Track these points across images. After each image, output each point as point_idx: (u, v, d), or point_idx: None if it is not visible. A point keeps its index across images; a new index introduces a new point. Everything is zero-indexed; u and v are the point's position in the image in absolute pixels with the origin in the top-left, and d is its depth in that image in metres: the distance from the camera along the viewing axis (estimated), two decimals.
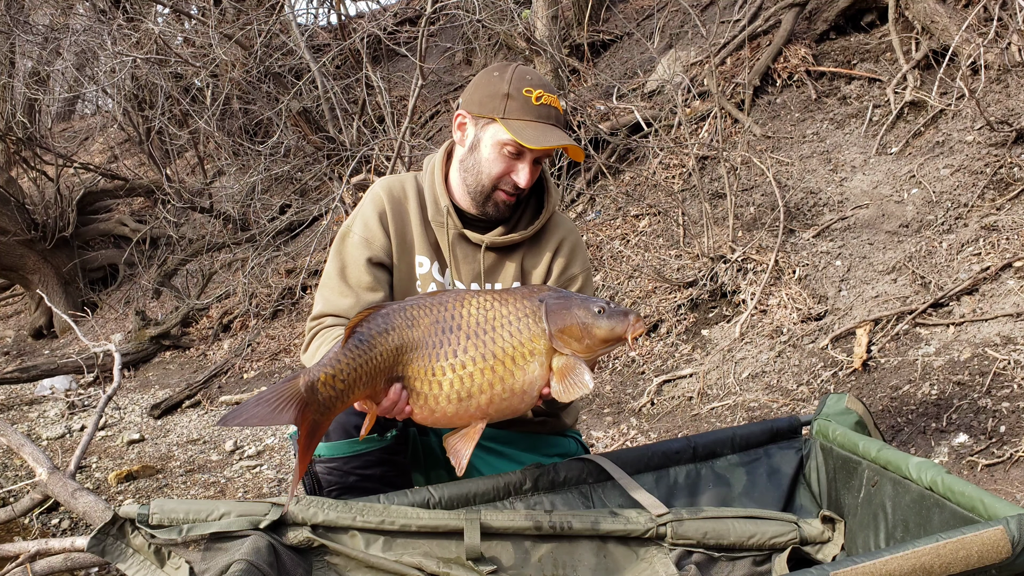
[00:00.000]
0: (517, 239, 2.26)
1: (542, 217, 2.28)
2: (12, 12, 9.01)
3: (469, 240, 2.25)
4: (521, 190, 2.18)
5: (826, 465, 2.23)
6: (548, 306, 1.86)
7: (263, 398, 1.72)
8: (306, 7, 16.51)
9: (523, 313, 1.85)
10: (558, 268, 2.30)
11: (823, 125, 5.50)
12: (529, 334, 1.83)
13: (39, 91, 10.23)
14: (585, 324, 1.83)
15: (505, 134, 2.10)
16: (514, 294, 1.90)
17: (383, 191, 2.27)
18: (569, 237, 2.32)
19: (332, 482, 2.10)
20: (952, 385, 3.20)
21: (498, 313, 1.84)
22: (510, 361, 1.81)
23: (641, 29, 7.54)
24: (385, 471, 2.12)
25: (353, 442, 2.06)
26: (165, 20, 8.94)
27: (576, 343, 1.84)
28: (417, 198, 2.28)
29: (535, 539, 2.01)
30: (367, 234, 2.23)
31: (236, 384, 6.23)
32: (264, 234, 7.79)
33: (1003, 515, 1.64)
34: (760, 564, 2.05)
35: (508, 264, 2.28)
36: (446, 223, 2.23)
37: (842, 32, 6.09)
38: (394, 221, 2.25)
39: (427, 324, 1.82)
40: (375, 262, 2.22)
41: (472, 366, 1.79)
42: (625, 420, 4.05)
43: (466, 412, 1.82)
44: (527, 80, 2.12)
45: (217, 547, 1.86)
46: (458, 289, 1.98)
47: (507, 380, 1.81)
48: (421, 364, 1.80)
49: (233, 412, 1.71)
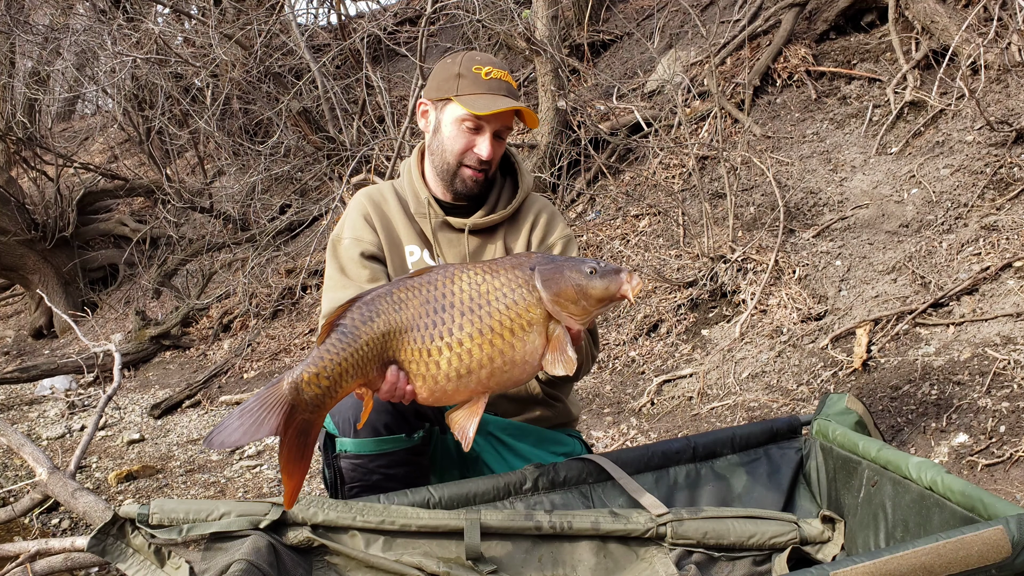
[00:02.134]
0: (497, 219, 2.35)
1: (519, 196, 2.38)
2: (12, 12, 9.02)
3: (452, 226, 2.34)
4: (486, 164, 2.27)
5: (826, 465, 2.23)
6: (540, 273, 1.83)
7: (246, 408, 1.71)
8: (306, 7, 16.50)
9: (517, 284, 1.82)
10: (536, 239, 2.39)
11: (823, 125, 5.50)
12: (525, 304, 1.81)
13: (39, 91, 10.23)
14: (580, 285, 1.81)
15: (460, 109, 2.21)
16: (503, 264, 1.87)
17: (363, 197, 2.41)
18: (545, 210, 2.43)
19: (355, 479, 2.11)
20: (952, 385, 3.20)
21: (491, 286, 1.81)
22: (508, 334, 1.79)
23: (641, 29, 7.54)
24: (408, 471, 2.13)
25: (380, 440, 2.07)
26: (165, 20, 8.95)
27: (573, 306, 1.82)
28: (396, 199, 2.40)
29: (535, 539, 2.01)
30: (356, 234, 2.33)
31: (236, 384, 6.23)
32: (264, 234, 7.79)
33: (1003, 515, 1.64)
34: (760, 564, 2.05)
35: (491, 246, 2.37)
36: (428, 213, 2.34)
37: (842, 32, 6.09)
38: (379, 219, 2.36)
39: (417, 305, 1.79)
40: (368, 255, 2.31)
41: (470, 342, 1.77)
42: (625, 420, 4.05)
43: (466, 388, 1.81)
44: (476, 60, 2.26)
45: (217, 547, 1.86)
46: (445, 265, 1.96)
47: (507, 353, 1.79)
48: (415, 346, 1.78)
49: (217, 430, 1.68)
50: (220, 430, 1.69)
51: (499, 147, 2.28)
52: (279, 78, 7.42)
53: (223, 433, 1.69)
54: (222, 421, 1.70)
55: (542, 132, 5.98)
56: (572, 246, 2.43)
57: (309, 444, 1.77)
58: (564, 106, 5.98)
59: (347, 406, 2.04)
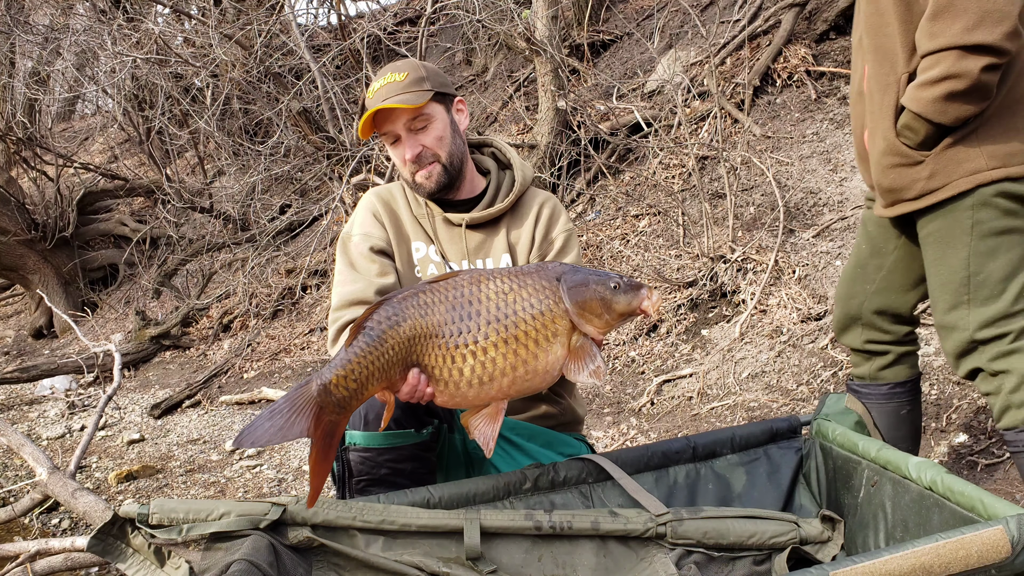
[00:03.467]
0: (495, 212, 2.37)
1: (516, 188, 2.39)
2: (12, 12, 9.02)
3: (452, 222, 2.38)
4: (423, 160, 2.29)
5: (826, 465, 2.23)
6: (567, 284, 1.85)
7: (276, 409, 1.73)
8: (306, 7, 16.50)
9: (543, 294, 1.83)
10: (540, 234, 2.39)
11: (823, 125, 5.50)
12: (551, 315, 1.82)
13: (39, 91, 10.23)
14: (604, 299, 1.83)
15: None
16: (529, 274, 1.88)
17: (372, 195, 2.45)
18: (547, 203, 2.44)
19: (363, 472, 2.11)
20: (952, 385, 3.20)
21: (518, 296, 1.82)
22: (533, 344, 1.80)
23: (641, 29, 7.54)
24: (416, 467, 2.13)
25: (390, 434, 2.08)
26: (165, 20, 8.95)
27: (597, 319, 1.84)
28: (404, 198, 2.44)
29: (535, 539, 2.01)
30: (365, 230, 2.36)
31: (236, 384, 6.23)
32: (264, 234, 7.80)
33: (1003, 515, 1.64)
34: (760, 564, 2.05)
35: (494, 240, 2.38)
36: (426, 212, 2.38)
37: (842, 32, 6.08)
38: (388, 216, 2.39)
39: (443, 311, 1.80)
40: (377, 250, 2.33)
41: (494, 351, 1.78)
42: (625, 420, 4.05)
43: (487, 394, 1.82)
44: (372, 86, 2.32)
45: (217, 547, 1.86)
46: (470, 270, 1.96)
47: (530, 362, 1.81)
48: (439, 352, 1.79)
49: (248, 430, 1.70)
50: (251, 431, 1.71)
51: (424, 136, 2.29)
52: (279, 78, 7.42)
53: (254, 434, 1.71)
54: (252, 421, 1.72)
55: (542, 132, 5.99)
56: (573, 241, 2.44)
57: (334, 445, 1.79)
58: (564, 106, 5.98)
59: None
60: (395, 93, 2.24)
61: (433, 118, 2.30)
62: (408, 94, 2.24)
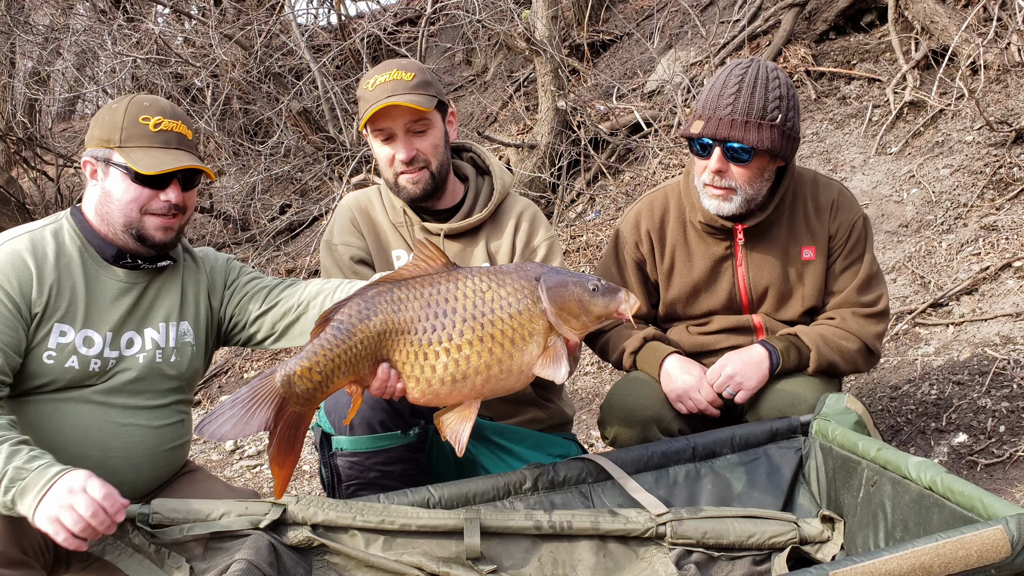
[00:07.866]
0: (474, 223, 2.36)
1: (495, 197, 2.38)
2: (12, 12, 9.02)
3: (430, 232, 2.37)
4: (416, 163, 2.28)
5: (825, 465, 2.23)
6: (546, 284, 1.84)
7: (239, 397, 1.72)
8: (306, 7, 16.49)
9: (522, 294, 1.83)
10: (521, 242, 2.39)
11: (823, 125, 5.50)
12: (529, 315, 1.82)
13: (39, 91, 10.23)
14: (583, 301, 1.83)
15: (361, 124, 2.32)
16: (508, 273, 1.87)
17: (349, 202, 2.44)
18: (527, 211, 2.43)
19: (352, 476, 2.11)
20: (952, 385, 3.20)
21: (496, 294, 1.82)
22: (509, 343, 1.80)
23: (641, 29, 7.54)
24: (405, 468, 2.13)
25: (376, 437, 2.08)
26: (165, 20, 8.95)
27: (574, 320, 1.84)
28: (381, 204, 2.43)
29: (535, 539, 2.01)
30: (344, 239, 2.38)
31: (236, 384, 6.23)
32: (264, 234, 7.79)
33: (1003, 515, 1.64)
34: (760, 564, 2.05)
35: (473, 250, 2.38)
36: (404, 220, 2.38)
37: (842, 32, 6.09)
38: (365, 224, 2.39)
39: (416, 307, 1.79)
40: (357, 260, 2.35)
41: (468, 349, 1.77)
42: None
43: (460, 392, 1.81)
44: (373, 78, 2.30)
45: (217, 547, 1.86)
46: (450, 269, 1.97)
47: (505, 361, 1.80)
48: (411, 348, 1.78)
49: (209, 418, 1.70)
50: (212, 419, 1.71)
51: (421, 141, 2.27)
52: (279, 78, 7.42)
53: (215, 423, 1.71)
54: (215, 409, 1.72)
55: (542, 132, 5.99)
56: (556, 249, 2.42)
57: (299, 436, 1.78)
58: (564, 106, 5.98)
59: (343, 404, 2.04)
60: (403, 91, 2.23)
61: (433, 125, 2.30)
62: (417, 95, 2.23)
